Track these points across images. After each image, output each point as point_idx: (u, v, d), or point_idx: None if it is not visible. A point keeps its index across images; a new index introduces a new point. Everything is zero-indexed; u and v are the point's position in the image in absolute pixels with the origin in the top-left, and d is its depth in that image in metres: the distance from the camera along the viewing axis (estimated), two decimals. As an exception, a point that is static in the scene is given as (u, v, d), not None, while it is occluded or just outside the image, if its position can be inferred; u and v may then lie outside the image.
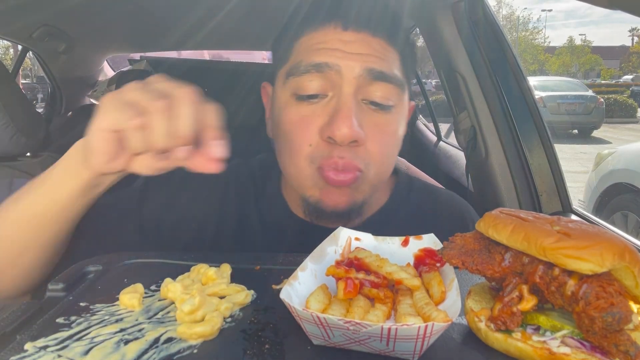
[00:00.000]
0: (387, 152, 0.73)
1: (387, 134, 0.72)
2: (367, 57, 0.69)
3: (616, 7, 0.52)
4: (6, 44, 18.36)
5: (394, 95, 0.71)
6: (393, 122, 0.72)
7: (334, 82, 0.70)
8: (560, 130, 12.39)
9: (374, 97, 0.71)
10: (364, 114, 0.70)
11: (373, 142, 0.71)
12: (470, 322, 0.50)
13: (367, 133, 0.70)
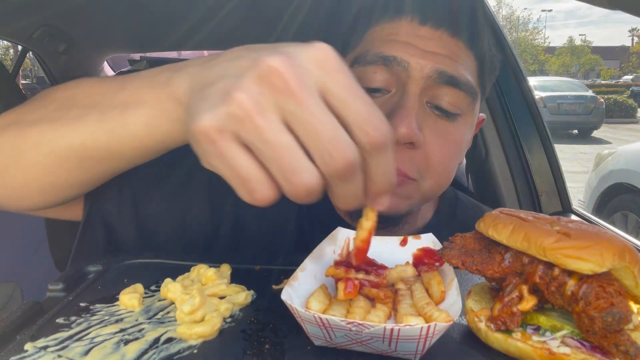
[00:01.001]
0: (446, 162, 0.67)
1: (448, 143, 0.66)
2: (441, 57, 0.63)
3: (616, 7, 0.52)
4: (6, 44, 18.37)
5: (463, 103, 0.65)
6: (457, 132, 0.66)
7: (400, 79, 0.64)
8: (560, 130, 12.39)
9: (441, 102, 0.65)
10: (427, 117, 0.65)
11: (432, 150, 0.65)
12: (470, 322, 0.50)
13: (427, 139, 0.64)
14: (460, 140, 0.67)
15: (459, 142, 0.67)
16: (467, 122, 0.67)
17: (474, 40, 0.65)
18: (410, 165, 0.64)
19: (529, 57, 43.94)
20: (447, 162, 0.67)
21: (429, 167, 0.66)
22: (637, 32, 51.53)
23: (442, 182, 0.69)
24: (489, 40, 0.69)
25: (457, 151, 0.68)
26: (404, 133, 0.61)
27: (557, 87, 13.90)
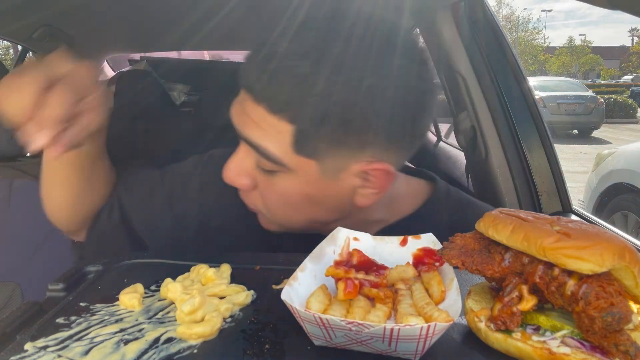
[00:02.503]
0: (278, 208, 0.69)
1: (273, 193, 0.68)
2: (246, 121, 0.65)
3: (616, 7, 0.52)
4: (6, 44, 18.37)
5: (271, 165, 0.65)
6: (279, 184, 0.66)
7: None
8: (560, 130, 12.38)
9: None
10: (261, 174, 0.67)
11: (262, 195, 0.70)
12: (470, 322, 0.50)
13: (259, 185, 0.69)
14: (286, 191, 0.66)
15: (285, 194, 0.67)
16: (292, 177, 0.65)
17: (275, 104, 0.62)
18: (250, 200, 0.72)
19: (529, 57, 43.94)
20: (278, 207, 0.70)
21: (265, 207, 0.71)
22: (637, 32, 51.55)
23: (288, 219, 0.72)
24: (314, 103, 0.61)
25: (286, 201, 0.68)
26: (225, 177, 0.69)
27: (557, 87, 13.89)
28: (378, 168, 0.65)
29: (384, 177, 0.66)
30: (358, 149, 0.63)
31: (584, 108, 12.92)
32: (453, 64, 1.24)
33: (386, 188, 0.67)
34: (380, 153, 0.64)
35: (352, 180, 0.66)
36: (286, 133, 0.62)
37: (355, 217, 0.74)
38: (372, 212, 0.77)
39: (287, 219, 0.72)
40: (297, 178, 0.65)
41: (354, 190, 0.67)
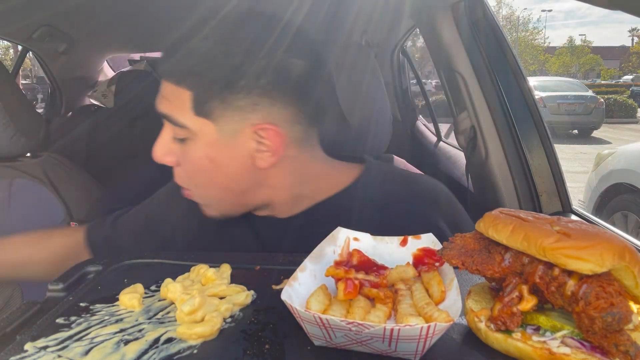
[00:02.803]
0: (196, 177, 0.78)
1: (188, 162, 0.77)
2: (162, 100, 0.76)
3: (616, 7, 0.52)
4: (6, 44, 18.36)
5: (180, 132, 0.75)
6: (190, 151, 0.76)
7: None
8: (560, 130, 12.38)
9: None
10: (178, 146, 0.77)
11: (184, 168, 0.78)
12: (470, 322, 0.50)
13: (180, 161, 0.78)
14: (195, 156, 0.75)
15: (195, 160, 0.76)
16: (197, 141, 0.75)
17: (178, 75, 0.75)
18: (180, 180, 0.80)
19: (529, 57, 43.90)
20: (195, 178, 0.78)
21: (188, 180, 0.79)
22: (637, 32, 51.52)
23: (209, 192, 0.80)
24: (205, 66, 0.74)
25: (197, 167, 0.76)
26: (153, 157, 0.78)
27: (557, 87, 13.88)
28: (267, 128, 0.73)
29: (275, 138, 0.74)
30: (249, 111, 0.73)
31: (584, 108, 12.91)
32: (453, 64, 1.24)
33: (280, 150, 0.75)
34: (269, 115, 0.74)
35: (248, 143, 0.74)
36: (187, 99, 0.73)
37: (269, 188, 0.80)
38: (287, 185, 0.81)
39: (207, 190, 0.79)
40: (200, 140, 0.74)
41: (251, 154, 0.75)
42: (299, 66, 0.75)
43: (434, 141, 2.18)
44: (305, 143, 0.81)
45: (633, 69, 44.48)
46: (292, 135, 0.77)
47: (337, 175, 0.86)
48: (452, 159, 1.84)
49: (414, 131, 2.35)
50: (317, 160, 0.85)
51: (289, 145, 0.77)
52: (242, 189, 0.79)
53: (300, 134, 0.79)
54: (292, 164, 0.80)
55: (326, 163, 0.87)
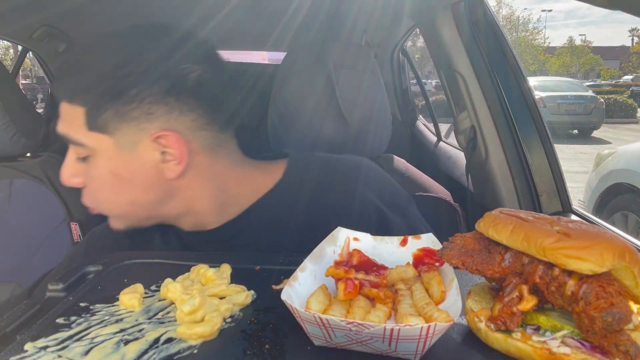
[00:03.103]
0: (101, 196, 0.77)
1: (92, 181, 0.76)
2: (59, 121, 0.76)
3: (616, 7, 0.52)
4: (6, 44, 18.37)
5: (80, 150, 0.75)
6: (93, 170, 0.75)
7: None
8: (560, 130, 12.37)
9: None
10: (82, 166, 0.77)
11: (88, 188, 0.78)
12: (470, 322, 0.50)
13: (85, 181, 0.77)
14: (98, 173, 0.75)
15: (98, 177, 0.75)
16: (98, 158, 0.74)
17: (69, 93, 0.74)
18: (87, 200, 0.79)
19: (529, 57, 43.87)
20: (101, 195, 0.77)
21: (95, 199, 0.78)
22: (637, 32, 51.49)
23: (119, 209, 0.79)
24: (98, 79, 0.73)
25: (101, 184, 0.76)
26: (61, 181, 0.78)
27: (557, 87, 13.88)
28: (166, 135, 0.73)
29: (177, 145, 0.73)
30: (145, 121, 0.72)
31: (584, 108, 12.91)
32: (453, 64, 1.24)
33: (184, 157, 0.74)
34: (168, 123, 0.73)
35: (150, 154, 0.74)
36: (80, 116, 0.72)
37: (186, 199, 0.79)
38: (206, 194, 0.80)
39: (113, 205, 0.79)
40: (101, 156, 0.74)
41: (157, 165, 0.74)
42: (195, 73, 0.74)
43: (434, 141, 2.18)
44: (219, 149, 0.79)
45: (633, 69, 44.47)
46: (198, 142, 0.76)
47: (262, 177, 0.85)
48: (452, 159, 1.84)
49: (414, 131, 2.35)
50: (237, 165, 0.83)
51: (197, 152, 0.76)
52: (153, 201, 0.77)
53: (209, 140, 0.78)
54: (207, 172, 0.79)
55: (248, 166, 0.86)
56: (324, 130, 1.14)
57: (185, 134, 0.74)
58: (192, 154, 0.76)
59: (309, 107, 1.13)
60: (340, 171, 0.88)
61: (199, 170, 0.78)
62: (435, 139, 2.21)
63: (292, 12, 1.60)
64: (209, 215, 0.81)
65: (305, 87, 1.14)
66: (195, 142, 0.76)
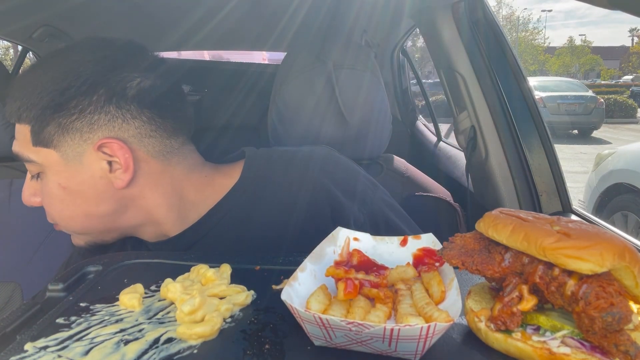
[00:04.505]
0: (53, 211, 0.78)
1: (45, 197, 0.77)
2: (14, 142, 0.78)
3: (616, 7, 0.52)
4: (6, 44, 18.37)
5: (31, 167, 0.77)
6: (44, 186, 0.77)
7: None
8: (560, 130, 12.37)
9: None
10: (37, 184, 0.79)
11: (45, 204, 0.79)
12: (470, 322, 0.50)
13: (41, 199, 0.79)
14: (49, 188, 0.76)
15: (50, 192, 0.76)
16: (47, 174, 0.76)
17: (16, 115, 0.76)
18: (48, 217, 0.80)
19: (529, 57, 43.87)
20: (54, 210, 0.78)
21: (51, 214, 0.79)
22: (637, 32, 51.48)
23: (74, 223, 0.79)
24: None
25: (53, 198, 0.76)
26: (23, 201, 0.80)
27: (557, 87, 13.88)
28: (109, 142, 0.73)
29: (121, 152, 0.74)
30: (88, 131, 0.73)
31: (584, 108, 12.91)
32: (453, 64, 1.24)
33: (130, 164, 0.75)
34: (111, 132, 0.74)
35: (97, 164, 0.74)
36: (27, 133, 0.75)
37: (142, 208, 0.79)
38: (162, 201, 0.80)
39: (68, 219, 0.79)
40: (50, 171, 0.75)
41: (104, 175, 0.75)
42: (136, 81, 0.75)
43: (434, 141, 2.18)
44: (171, 155, 0.80)
45: (633, 69, 44.46)
46: (146, 150, 0.77)
47: (222, 179, 0.85)
48: (452, 159, 1.83)
49: (414, 131, 2.35)
50: (195, 170, 0.83)
51: (146, 160, 0.77)
52: (107, 212, 0.78)
53: (158, 147, 0.78)
54: (160, 179, 0.79)
55: (208, 170, 0.86)
56: (323, 130, 1.14)
57: (131, 141, 0.75)
58: (140, 162, 0.76)
59: (309, 107, 1.13)
60: (295, 161, 0.88)
61: (151, 178, 0.78)
62: (435, 139, 2.21)
63: (292, 12, 1.60)
64: (169, 223, 0.81)
65: (305, 87, 1.14)
66: (143, 149, 0.76)
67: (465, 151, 1.31)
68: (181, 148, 0.81)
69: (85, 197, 0.75)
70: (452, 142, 2.02)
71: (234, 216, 0.82)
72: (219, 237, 0.81)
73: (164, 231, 0.82)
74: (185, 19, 1.65)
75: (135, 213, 0.79)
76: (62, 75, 0.72)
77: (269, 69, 2.11)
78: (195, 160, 0.84)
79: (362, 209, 0.85)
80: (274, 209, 0.82)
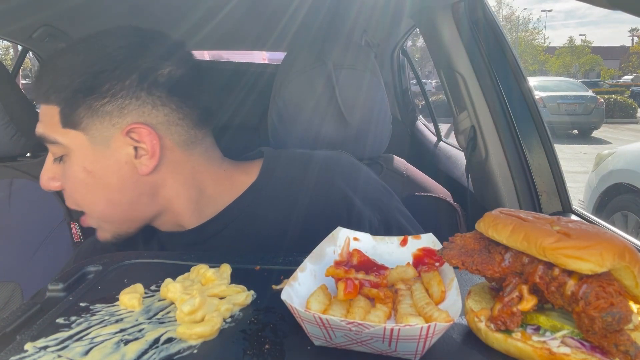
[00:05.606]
0: (77, 195, 0.78)
1: (68, 180, 0.77)
2: (37, 124, 0.77)
3: (616, 7, 0.52)
4: (6, 44, 18.37)
5: (56, 149, 0.76)
6: (68, 169, 0.76)
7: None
8: (560, 130, 12.37)
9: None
10: (59, 167, 0.78)
11: (66, 189, 0.79)
12: (470, 322, 0.50)
13: (62, 183, 0.79)
14: (73, 172, 0.76)
15: (74, 176, 0.76)
16: (72, 156, 0.75)
17: (46, 95, 0.75)
18: (68, 202, 0.80)
19: (529, 57, 43.85)
20: (77, 194, 0.78)
21: (74, 200, 0.79)
22: (637, 32, 51.48)
23: (97, 209, 0.79)
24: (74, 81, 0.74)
25: (78, 182, 0.76)
26: (41, 186, 0.79)
27: (557, 87, 13.88)
28: (138, 127, 0.74)
29: (149, 138, 0.74)
30: (118, 115, 0.74)
31: (584, 108, 12.91)
32: (453, 64, 1.24)
33: (157, 151, 0.75)
34: (140, 117, 0.74)
35: (123, 149, 0.75)
36: (55, 115, 0.74)
37: (162, 198, 0.80)
38: (183, 191, 0.80)
39: (91, 205, 0.78)
40: (75, 154, 0.75)
41: (130, 161, 0.75)
42: (167, 69, 0.76)
43: (434, 141, 2.18)
44: (194, 146, 0.80)
45: (633, 69, 44.46)
46: (172, 138, 0.77)
47: (240, 176, 0.86)
48: (452, 159, 1.83)
49: (414, 131, 2.35)
50: (214, 163, 0.84)
51: (171, 148, 0.77)
52: (128, 199, 0.78)
53: (183, 136, 0.78)
54: (182, 168, 0.79)
55: (226, 165, 0.86)
56: (323, 130, 1.14)
57: (158, 128, 0.76)
58: (166, 149, 0.77)
59: (309, 107, 1.13)
60: (314, 164, 0.88)
61: (174, 167, 0.78)
62: (435, 139, 2.21)
63: (292, 12, 1.60)
64: (187, 214, 0.82)
65: (305, 87, 1.14)
66: (169, 137, 0.77)
67: (465, 151, 1.31)
68: (204, 139, 0.82)
69: (109, 182, 0.76)
70: (452, 142, 2.02)
71: (251, 214, 0.82)
72: (235, 233, 0.82)
73: (181, 222, 0.83)
74: (185, 19, 1.65)
75: (155, 201, 0.79)
76: (95, 59, 0.73)
77: (269, 69, 2.11)
78: (216, 154, 0.85)
79: (377, 215, 0.86)
80: (291, 210, 0.82)
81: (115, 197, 0.77)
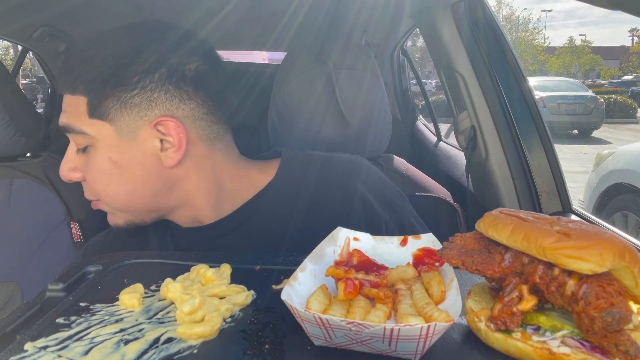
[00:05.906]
0: (100, 186, 0.78)
1: (91, 171, 0.77)
2: (61, 115, 0.78)
3: (616, 7, 0.52)
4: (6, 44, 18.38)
5: (81, 139, 0.76)
6: (94, 161, 0.76)
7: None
8: (560, 130, 12.38)
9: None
10: (81, 158, 0.79)
11: (88, 179, 0.79)
12: (470, 322, 0.50)
13: (84, 174, 0.79)
14: (97, 163, 0.76)
15: (98, 167, 0.76)
16: (97, 147, 0.76)
17: (72, 85, 0.76)
18: (87, 193, 0.81)
19: (529, 57, 43.86)
20: (100, 185, 0.78)
21: (94, 190, 0.79)
22: (637, 32, 51.48)
23: (115, 200, 0.79)
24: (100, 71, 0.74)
25: (101, 173, 0.76)
26: (61, 177, 0.80)
27: (557, 87, 13.88)
28: (165, 120, 0.74)
29: (176, 131, 0.75)
30: (145, 108, 0.74)
31: (584, 108, 12.91)
32: (453, 64, 1.24)
33: (183, 143, 0.76)
34: (168, 110, 0.75)
35: (150, 141, 0.75)
36: (82, 105, 0.74)
37: (183, 191, 0.80)
38: (203, 186, 0.81)
39: (112, 196, 0.78)
40: (101, 145, 0.75)
41: (156, 153, 0.76)
42: (194, 64, 0.77)
43: (434, 141, 2.18)
44: (216, 141, 0.81)
45: (633, 69, 44.47)
46: (196, 132, 0.78)
47: (257, 174, 0.87)
48: (452, 159, 1.83)
49: (414, 131, 2.35)
50: (233, 160, 0.85)
51: (195, 142, 0.78)
52: (151, 191, 0.78)
53: (207, 131, 0.79)
54: (204, 163, 0.80)
55: (244, 163, 0.87)
56: (324, 130, 1.14)
57: (185, 122, 0.76)
58: (190, 143, 0.77)
59: (309, 107, 1.13)
60: (332, 167, 0.89)
61: (196, 161, 0.79)
62: (435, 139, 2.21)
63: (292, 12, 1.60)
64: (206, 209, 0.82)
65: (305, 87, 1.13)
66: (194, 131, 0.78)
67: (465, 151, 1.31)
68: (224, 135, 0.83)
69: (133, 174, 0.76)
70: (452, 142, 2.02)
71: (267, 212, 0.83)
72: (252, 230, 0.82)
73: (199, 217, 0.83)
74: (185, 20, 1.65)
75: (177, 194, 0.80)
76: (125, 51, 0.74)
77: (269, 69, 2.11)
78: (234, 151, 0.86)
79: (392, 218, 0.87)
80: (308, 210, 0.83)
81: (138, 189, 0.77)
